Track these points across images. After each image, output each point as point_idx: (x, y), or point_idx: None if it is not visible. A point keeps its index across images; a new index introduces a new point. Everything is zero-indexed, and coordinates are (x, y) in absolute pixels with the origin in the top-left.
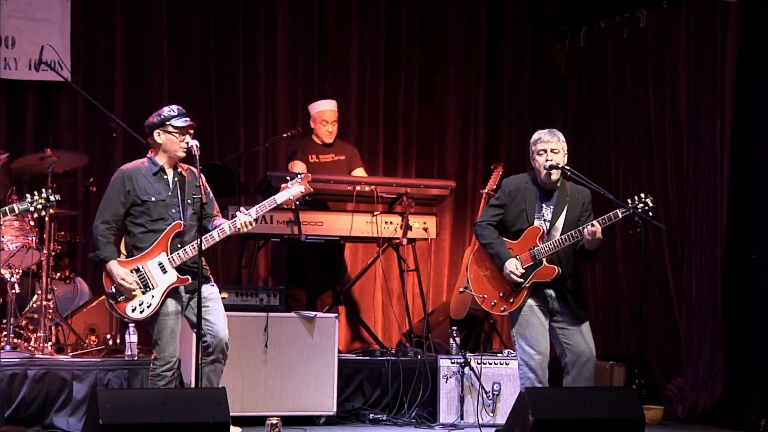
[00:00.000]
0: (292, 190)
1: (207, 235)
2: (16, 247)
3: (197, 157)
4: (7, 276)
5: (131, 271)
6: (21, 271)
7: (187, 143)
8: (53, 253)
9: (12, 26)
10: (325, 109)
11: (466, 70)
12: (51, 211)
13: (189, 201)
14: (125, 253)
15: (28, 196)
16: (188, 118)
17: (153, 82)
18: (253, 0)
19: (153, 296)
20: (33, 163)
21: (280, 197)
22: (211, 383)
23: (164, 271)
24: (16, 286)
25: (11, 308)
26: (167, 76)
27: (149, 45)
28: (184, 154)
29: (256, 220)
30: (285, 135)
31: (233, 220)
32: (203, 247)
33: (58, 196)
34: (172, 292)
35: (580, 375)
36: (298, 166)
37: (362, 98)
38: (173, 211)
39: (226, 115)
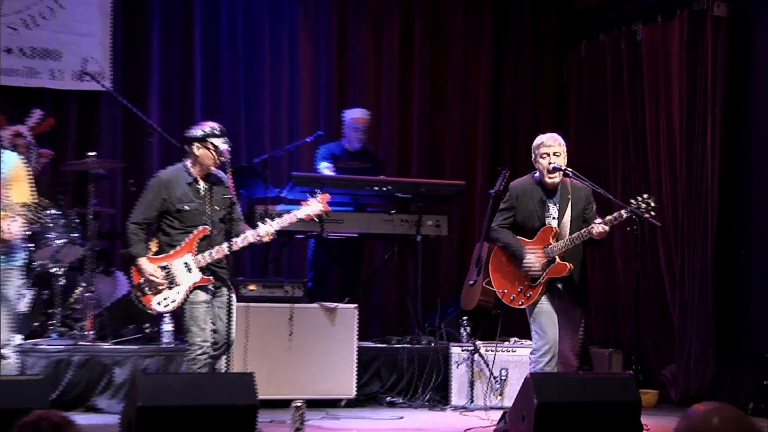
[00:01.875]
0: (311, 208)
1: (231, 241)
2: (61, 243)
3: (228, 160)
4: (54, 270)
5: (160, 268)
6: (66, 265)
7: (222, 160)
8: (95, 249)
9: (58, 41)
10: (358, 117)
11: (474, 78)
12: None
13: (216, 208)
14: (154, 250)
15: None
16: (227, 138)
17: (186, 90)
18: (278, 15)
19: (177, 292)
20: (77, 166)
21: (300, 213)
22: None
23: (189, 270)
24: (62, 279)
25: (57, 300)
26: (199, 84)
27: (182, 56)
28: (216, 168)
29: (276, 231)
30: (308, 140)
31: (256, 230)
32: (227, 252)
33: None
34: (201, 286)
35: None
36: (326, 170)
37: (379, 105)
38: (204, 218)
39: (254, 120)
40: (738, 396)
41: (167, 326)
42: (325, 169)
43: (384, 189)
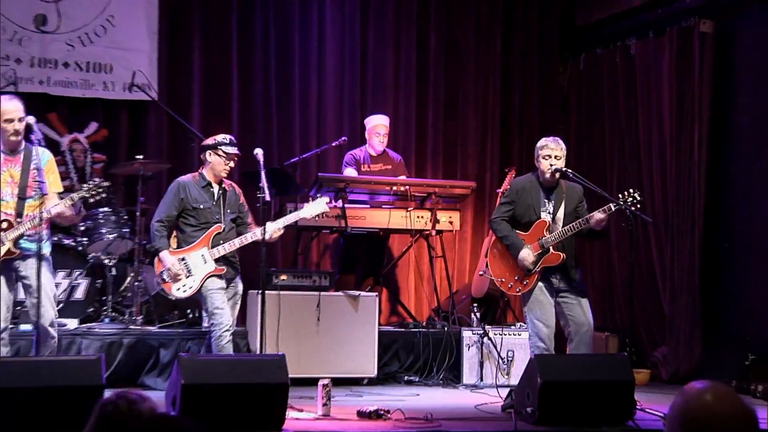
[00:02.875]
0: (313, 208)
1: (242, 236)
2: (113, 237)
3: (261, 162)
4: (106, 261)
5: (179, 260)
6: (117, 257)
7: (231, 166)
8: (142, 243)
9: (110, 56)
10: (378, 123)
11: (483, 89)
12: (103, 194)
13: (228, 210)
14: (174, 246)
15: (83, 185)
16: (236, 148)
17: (224, 100)
18: (306, 31)
19: (194, 281)
20: (126, 168)
21: (303, 212)
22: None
23: (204, 262)
24: (113, 269)
25: (109, 288)
26: (236, 94)
27: (221, 69)
28: (225, 174)
29: (275, 231)
30: (333, 144)
31: (263, 227)
32: (237, 246)
33: (106, 183)
34: (215, 276)
35: (580, 342)
36: (350, 173)
37: (397, 112)
38: (216, 216)
39: (285, 126)
40: (722, 375)
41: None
42: (348, 172)
43: (402, 189)
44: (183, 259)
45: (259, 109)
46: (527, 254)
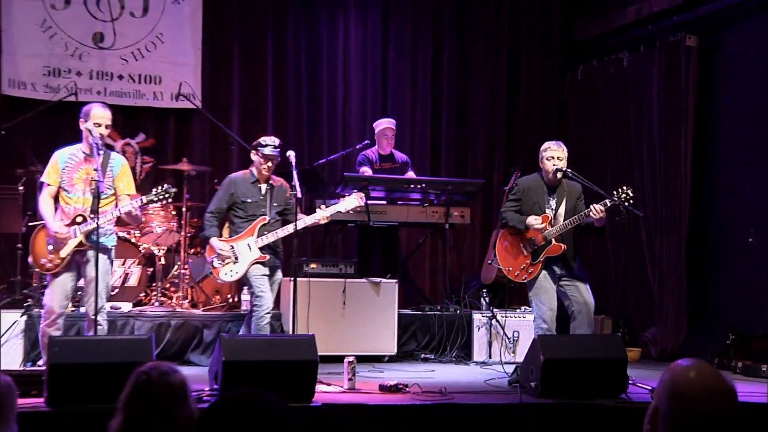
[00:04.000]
0: (347, 203)
1: (291, 224)
2: (162, 230)
3: (294, 163)
4: (156, 251)
5: (227, 247)
6: (165, 247)
7: (269, 166)
8: (188, 235)
9: (159, 69)
10: (386, 126)
11: (491, 97)
12: (170, 199)
13: (275, 204)
14: (227, 236)
15: (153, 189)
16: (276, 150)
17: (260, 108)
18: (333, 46)
19: (240, 266)
20: (174, 169)
21: (341, 206)
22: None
23: (250, 249)
24: (162, 259)
25: (159, 275)
26: (271, 102)
27: (257, 80)
28: (267, 172)
29: (314, 222)
30: (357, 147)
31: (312, 215)
32: (280, 236)
33: (174, 189)
34: (259, 263)
35: (582, 320)
36: (367, 172)
37: (414, 118)
38: (262, 209)
39: (314, 131)
40: (705, 354)
41: (245, 296)
42: (364, 172)
43: (419, 186)
44: (231, 246)
45: (292, 116)
46: (533, 219)
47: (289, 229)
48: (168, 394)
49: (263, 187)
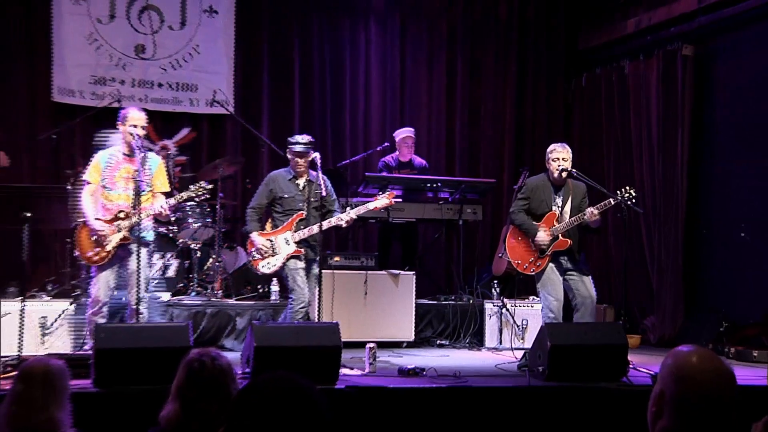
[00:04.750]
0: (380, 202)
1: (326, 221)
2: (198, 225)
3: (319, 164)
4: (192, 245)
5: (267, 241)
6: (201, 242)
7: (300, 162)
8: (222, 230)
9: (195, 77)
10: (407, 135)
11: (501, 102)
12: (206, 195)
13: (312, 199)
14: (269, 229)
15: (190, 186)
16: (305, 147)
17: (287, 113)
18: (356, 55)
19: (278, 259)
20: (208, 169)
21: (371, 205)
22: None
23: (287, 243)
24: (198, 252)
25: (195, 267)
26: (297, 108)
27: (286, 87)
28: (301, 169)
29: (351, 219)
30: (377, 149)
31: (339, 215)
32: (316, 231)
33: (210, 186)
34: (295, 257)
35: (585, 311)
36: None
37: (430, 122)
38: (300, 204)
39: (337, 134)
40: (700, 340)
41: (274, 287)
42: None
43: (434, 185)
44: (270, 240)
45: (317, 120)
46: (543, 236)
47: (323, 225)
48: (222, 375)
49: (301, 182)
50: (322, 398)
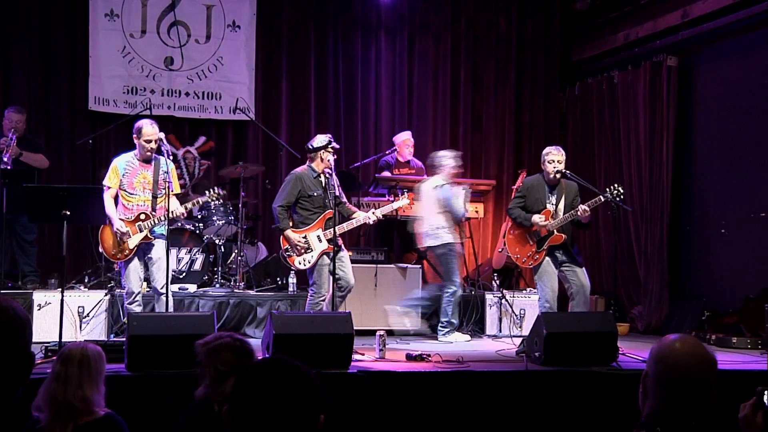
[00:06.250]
0: (402, 202)
1: (347, 222)
2: (222, 223)
3: (333, 166)
4: (216, 241)
5: (302, 238)
6: (225, 238)
7: (328, 160)
8: (244, 227)
9: (220, 87)
10: (407, 138)
11: (501, 110)
12: (221, 200)
13: (330, 194)
14: (292, 227)
15: (206, 191)
16: (334, 145)
17: (304, 119)
18: (367, 66)
19: (312, 256)
20: (231, 171)
21: (396, 204)
22: (337, 307)
23: (320, 241)
24: (222, 247)
25: (219, 261)
26: (313, 114)
27: (303, 95)
28: (329, 169)
29: (378, 218)
30: (387, 152)
31: (366, 215)
32: (346, 229)
33: (224, 191)
34: (327, 253)
35: (580, 299)
36: (385, 173)
37: (435, 128)
38: (326, 201)
39: (350, 138)
40: (684, 327)
41: (292, 279)
42: (384, 174)
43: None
44: (304, 237)
45: (331, 125)
46: (538, 218)
47: (353, 224)
48: (251, 350)
49: (322, 180)
50: (316, 377)
